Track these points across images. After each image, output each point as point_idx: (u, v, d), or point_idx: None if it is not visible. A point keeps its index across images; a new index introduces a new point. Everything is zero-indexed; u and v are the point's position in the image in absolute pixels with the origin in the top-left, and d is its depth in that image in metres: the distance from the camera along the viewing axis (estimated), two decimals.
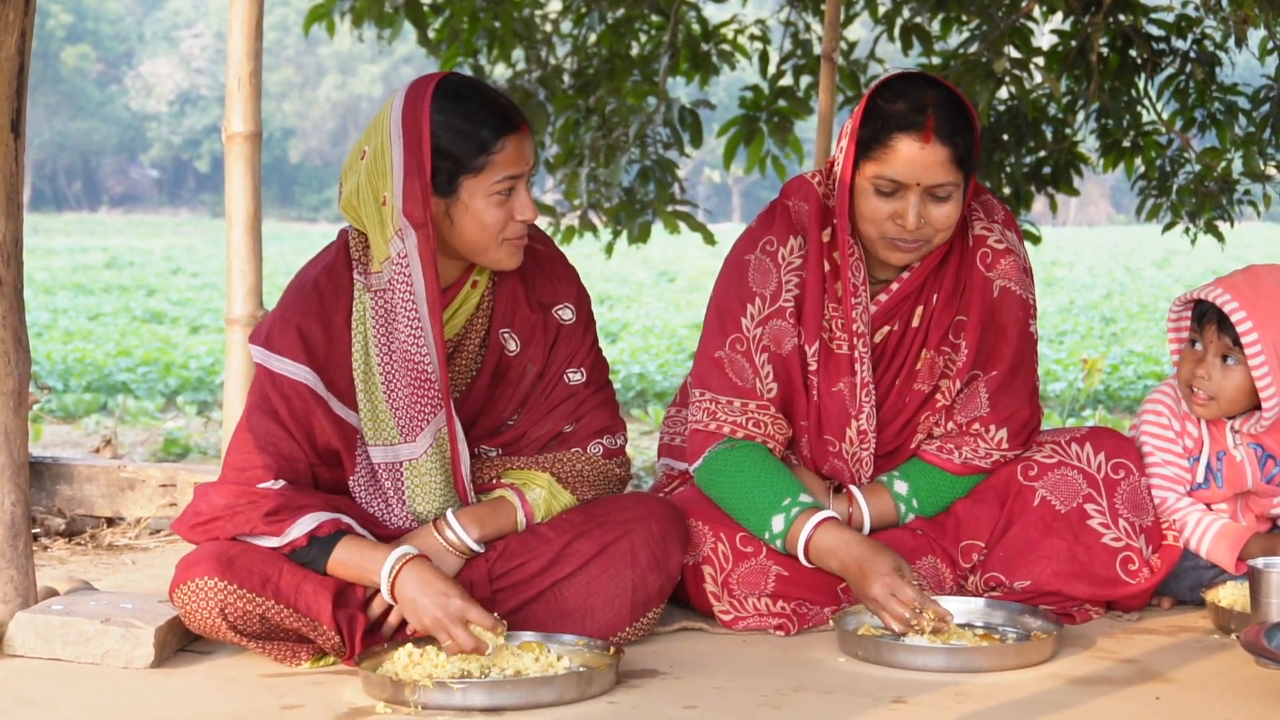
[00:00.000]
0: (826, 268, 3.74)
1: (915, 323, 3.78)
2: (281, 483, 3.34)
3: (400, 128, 3.30)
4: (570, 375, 3.58)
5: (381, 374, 3.40)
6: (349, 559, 3.30)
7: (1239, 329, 3.72)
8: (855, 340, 3.73)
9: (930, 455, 3.80)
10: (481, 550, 3.45)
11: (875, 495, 3.78)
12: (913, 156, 3.53)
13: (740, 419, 3.72)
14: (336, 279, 3.43)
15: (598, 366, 3.65)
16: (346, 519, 3.36)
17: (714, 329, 3.79)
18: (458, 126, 3.30)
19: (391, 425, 3.41)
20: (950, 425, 3.80)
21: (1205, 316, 3.82)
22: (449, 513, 3.45)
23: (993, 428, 3.77)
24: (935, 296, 3.76)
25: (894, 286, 3.75)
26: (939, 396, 3.79)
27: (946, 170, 3.55)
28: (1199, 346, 3.84)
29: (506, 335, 3.54)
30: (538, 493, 3.51)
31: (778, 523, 3.61)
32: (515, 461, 3.54)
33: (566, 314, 3.59)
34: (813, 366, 3.75)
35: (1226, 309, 3.73)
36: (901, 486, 3.79)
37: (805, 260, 3.74)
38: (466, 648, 3.14)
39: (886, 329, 3.78)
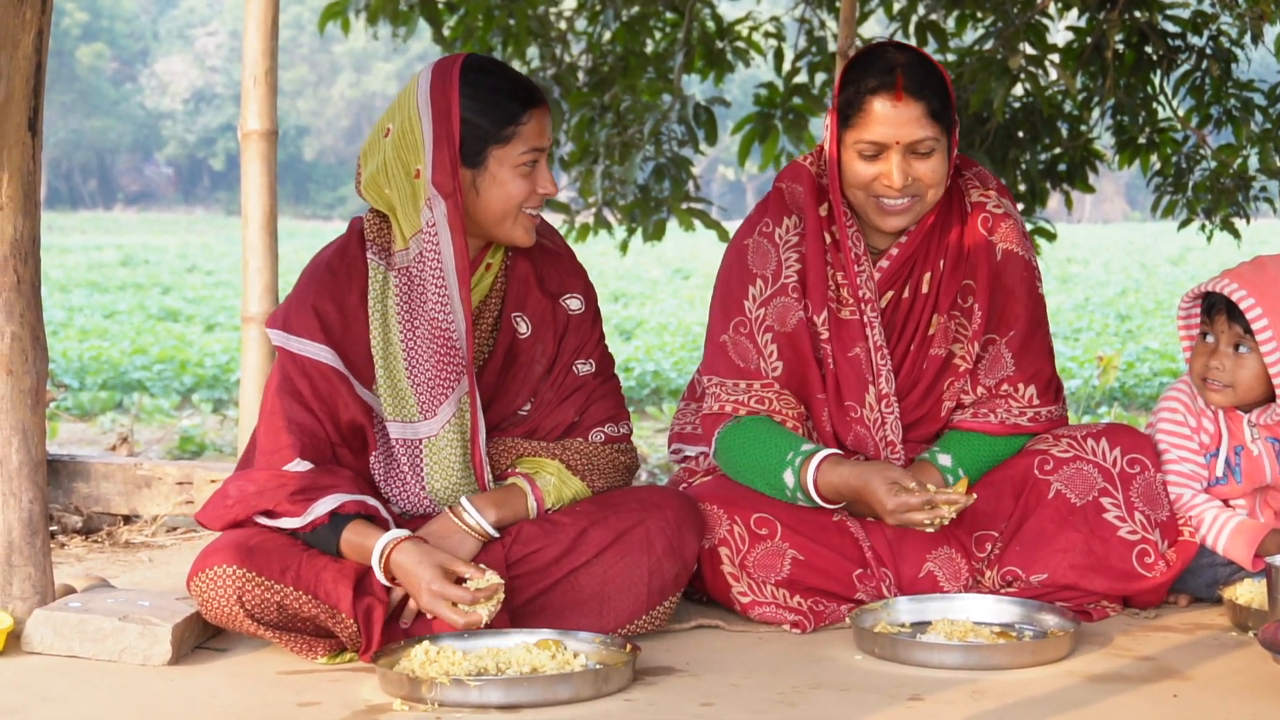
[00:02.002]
0: (828, 240, 3.83)
1: (925, 289, 3.84)
2: (308, 465, 3.38)
3: (429, 101, 3.39)
4: (579, 366, 3.65)
5: (404, 350, 3.44)
6: (353, 540, 3.34)
7: (1249, 316, 3.74)
8: (863, 306, 3.79)
9: (967, 423, 3.85)
10: (497, 535, 3.47)
11: (923, 472, 3.80)
12: (888, 116, 3.65)
13: (743, 398, 3.80)
14: (349, 260, 3.50)
15: (605, 359, 3.72)
16: (372, 501, 3.39)
17: (718, 315, 3.89)
18: (486, 98, 3.40)
19: (412, 401, 3.46)
20: (980, 390, 3.86)
21: (1215, 308, 3.84)
22: (464, 499, 3.47)
23: (1021, 386, 3.84)
24: (942, 262, 3.84)
25: (893, 252, 3.83)
26: (958, 360, 3.85)
27: (923, 125, 3.66)
28: (1210, 338, 3.86)
29: (518, 318, 3.60)
30: (547, 479, 3.54)
31: (789, 478, 3.67)
32: (527, 448, 3.58)
33: (575, 303, 3.66)
34: (824, 335, 3.81)
35: (1235, 297, 3.75)
36: (945, 459, 3.83)
37: (803, 237, 3.82)
38: (457, 626, 3.19)
39: (891, 294, 3.84)
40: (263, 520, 3.37)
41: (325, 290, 3.46)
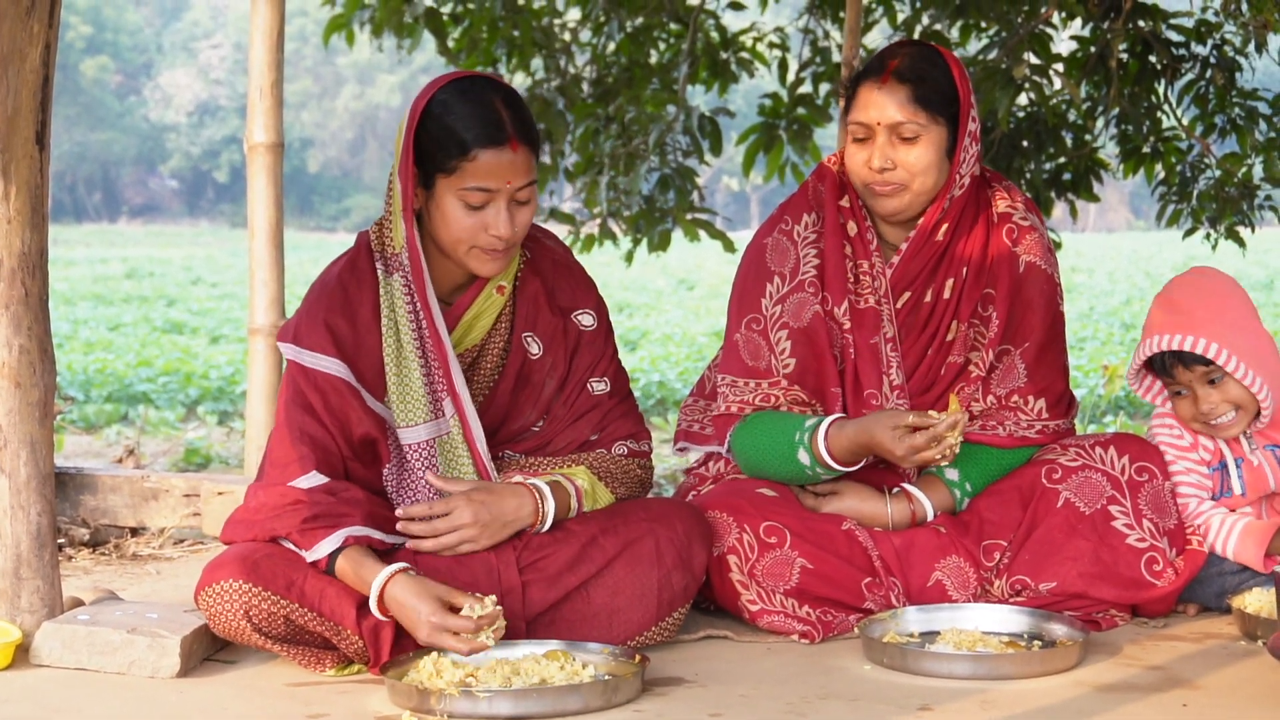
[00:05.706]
0: (852, 230, 3.88)
1: (947, 294, 3.87)
2: (322, 479, 3.36)
3: (409, 113, 3.43)
4: (594, 385, 3.63)
5: (417, 348, 3.45)
6: (346, 569, 3.31)
7: (1197, 351, 3.73)
8: (879, 297, 3.84)
9: (974, 435, 3.87)
10: (549, 511, 3.49)
11: (930, 487, 3.85)
12: (872, 98, 3.76)
13: (750, 397, 3.84)
14: (359, 273, 3.50)
15: (620, 376, 3.71)
16: (378, 534, 3.37)
17: (734, 313, 3.93)
18: (444, 124, 3.38)
19: (425, 403, 3.46)
20: (990, 399, 3.88)
21: (1166, 366, 3.82)
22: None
23: (1031, 398, 3.88)
24: (965, 269, 3.86)
25: (902, 247, 3.87)
26: (973, 368, 3.89)
27: (905, 109, 3.73)
28: (1184, 392, 3.83)
29: (529, 339, 3.59)
30: (583, 481, 3.55)
31: (803, 457, 3.70)
32: (546, 464, 3.59)
33: (587, 319, 3.65)
34: (846, 325, 3.85)
35: (1174, 346, 3.75)
36: (952, 474, 3.86)
37: (821, 233, 3.88)
38: (463, 653, 3.18)
39: (910, 295, 3.87)
40: (282, 541, 3.37)
41: (337, 305, 3.46)
